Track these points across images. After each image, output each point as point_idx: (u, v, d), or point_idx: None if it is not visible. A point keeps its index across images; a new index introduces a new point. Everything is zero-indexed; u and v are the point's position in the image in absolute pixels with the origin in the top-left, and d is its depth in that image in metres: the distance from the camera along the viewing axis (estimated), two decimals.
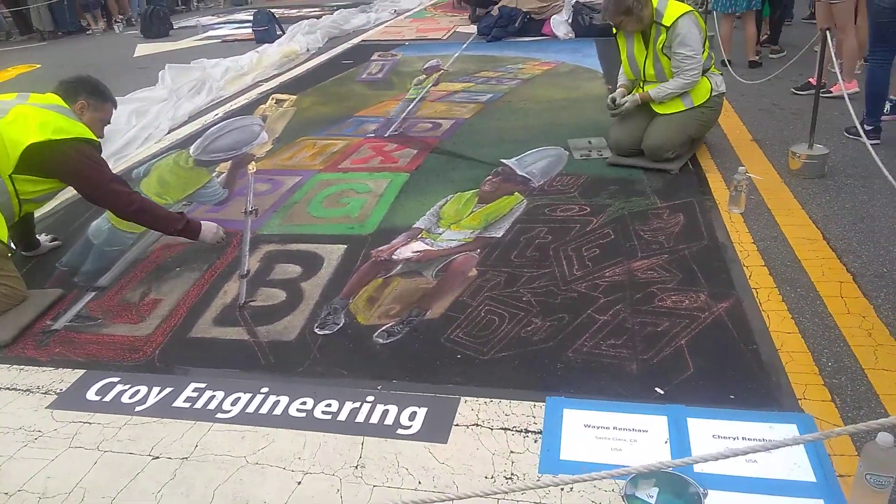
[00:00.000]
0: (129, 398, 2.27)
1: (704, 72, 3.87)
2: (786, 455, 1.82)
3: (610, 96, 4.08)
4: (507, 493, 1.72)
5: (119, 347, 2.58)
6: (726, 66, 5.46)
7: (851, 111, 3.35)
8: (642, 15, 3.72)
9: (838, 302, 2.52)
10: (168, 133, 5.28)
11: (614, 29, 3.97)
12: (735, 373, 2.18)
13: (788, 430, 1.92)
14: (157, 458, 1.99)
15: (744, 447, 1.57)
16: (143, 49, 9.67)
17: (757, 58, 6.33)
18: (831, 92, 4.89)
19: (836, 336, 2.33)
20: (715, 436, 1.91)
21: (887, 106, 4.29)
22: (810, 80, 5.17)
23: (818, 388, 2.08)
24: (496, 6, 8.96)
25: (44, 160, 2.82)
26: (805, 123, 3.92)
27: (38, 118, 2.84)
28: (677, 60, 3.76)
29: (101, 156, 3.09)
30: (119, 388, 2.32)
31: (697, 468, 1.77)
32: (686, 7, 3.81)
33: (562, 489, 1.76)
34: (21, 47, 10.87)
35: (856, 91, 4.89)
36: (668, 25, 3.70)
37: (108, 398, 2.27)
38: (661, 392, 2.12)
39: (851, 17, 5.01)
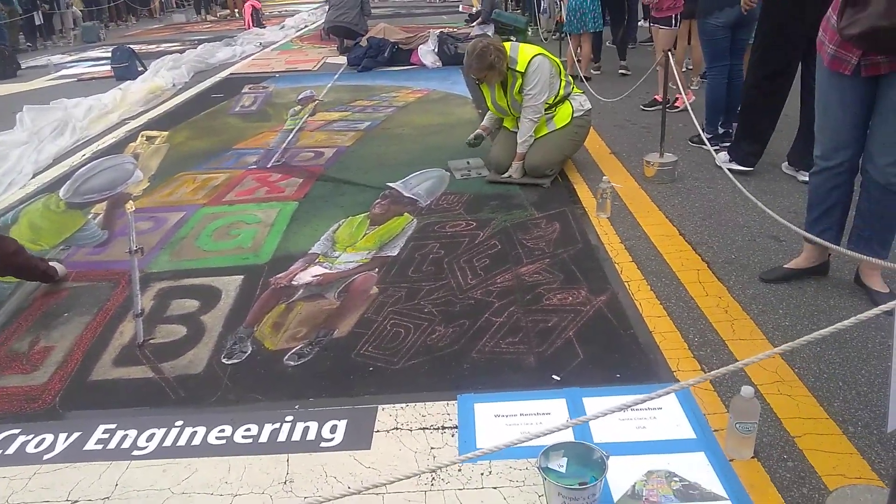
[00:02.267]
0: (35, 447, 2.18)
1: (566, 97, 4.26)
2: (669, 419, 2.09)
3: (467, 140, 4.59)
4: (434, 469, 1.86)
5: (14, 399, 2.47)
6: (584, 82, 6.02)
7: (695, 120, 3.82)
8: (502, 67, 4.07)
9: (697, 287, 2.89)
10: (33, 177, 5.01)
11: (477, 80, 4.29)
12: (618, 355, 2.46)
13: (669, 399, 2.19)
14: (76, 502, 1.95)
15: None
16: None
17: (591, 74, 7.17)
18: (677, 106, 5.49)
19: (698, 315, 2.67)
20: (607, 410, 2.15)
21: None
22: (656, 97, 5.78)
23: (689, 360, 2.39)
24: (364, 38, 9.21)
25: None
26: (655, 136, 4.40)
27: None
28: (524, 99, 4.13)
29: None
30: (21, 438, 2.23)
31: (597, 438, 2.00)
32: (536, 49, 4.21)
33: (482, 474, 1.93)
34: None
35: (693, 100, 5.54)
36: (523, 71, 4.06)
37: (10, 451, 2.18)
38: (558, 378, 2.34)
39: (669, 44, 5.67)
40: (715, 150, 4.16)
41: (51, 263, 3.28)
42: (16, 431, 2.26)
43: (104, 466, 2.08)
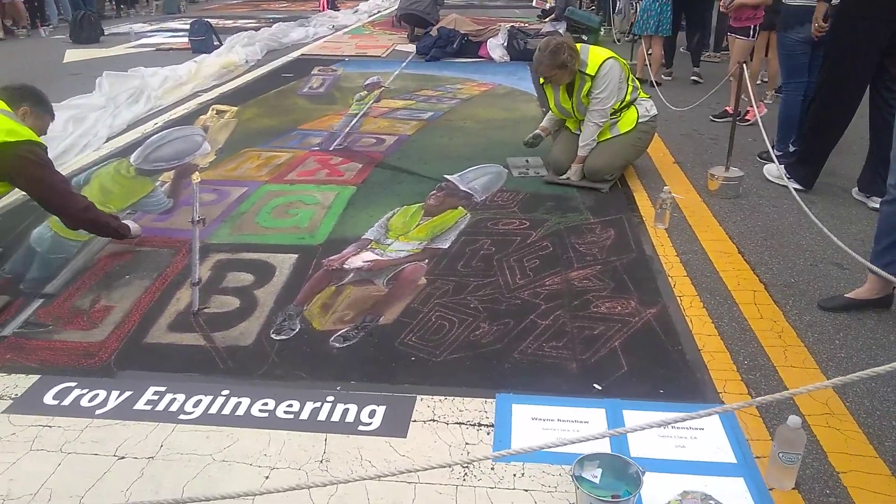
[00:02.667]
0: (89, 402, 2.29)
1: (632, 102, 4.19)
2: (710, 440, 2.06)
3: (525, 140, 4.47)
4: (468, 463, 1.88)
5: (73, 353, 2.59)
6: (654, 86, 5.93)
7: (765, 137, 3.71)
8: (573, 68, 4.01)
9: (752, 308, 2.81)
10: (106, 141, 5.22)
11: (542, 79, 4.21)
12: (664, 370, 2.42)
13: (712, 420, 2.15)
14: (123, 458, 2.04)
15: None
16: (73, 55, 9.39)
17: (662, 79, 7.04)
18: (747, 119, 5.33)
19: (750, 338, 2.60)
20: (648, 424, 2.12)
21: None
22: (727, 108, 5.63)
23: (736, 383, 2.34)
24: (435, 27, 9.23)
25: None
26: (722, 148, 4.28)
27: None
28: (592, 102, 4.07)
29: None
30: (77, 392, 2.35)
31: (634, 452, 1.98)
32: (607, 52, 4.14)
33: (514, 475, 1.93)
34: None
35: (765, 113, 5.38)
36: (593, 74, 3.99)
37: (66, 402, 2.30)
38: (599, 388, 2.33)
39: (745, 54, 5.47)
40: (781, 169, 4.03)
41: (125, 222, 3.39)
42: (72, 384, 2.38)
43: (151, 427, 2.17)
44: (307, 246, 3.44)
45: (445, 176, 4.34)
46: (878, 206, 3.68)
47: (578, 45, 4.14)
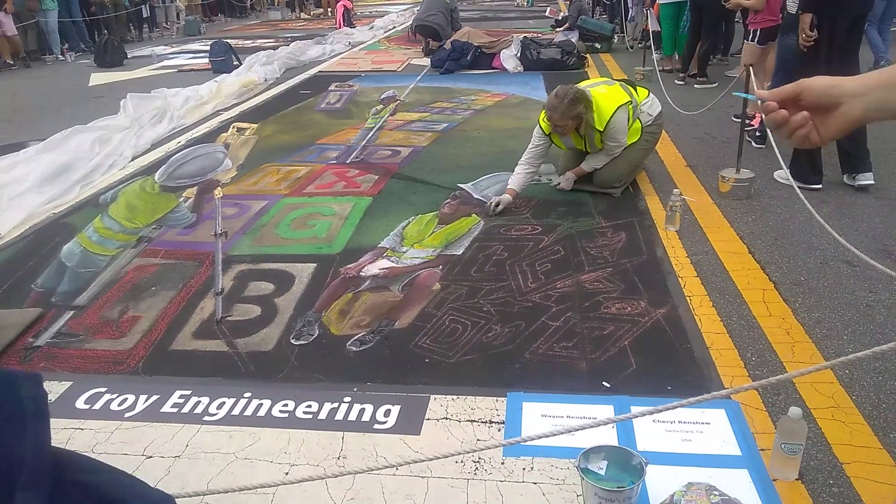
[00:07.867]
0: (118, 406, 2.40)
1: (636, 118, 4.18)
2: (716, 434, 2.11)
3: (493, 202, 3.98)
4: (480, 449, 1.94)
5: (103, 361, 2.71)
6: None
7: (772, 140, 3.74)
8: (585, 119, 3.93)
9: (761, 306, 2.85)
10: (132, 160, 5.39)
11: (547, 130, 4.04)
12: (672, 368, 2.47)
13: (718, 415, 2.20)
14: (151, 457, 2.14)
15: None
16: (98, 78, 9.68)
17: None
18: (752, 125, 5.34)
19: (759, 335, 2.64)
20: (655, 420, 2.18)
21: None
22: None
23: (743, 379, 2.38)
24: (448, 40, 9.37)
25: None
26: (735, 150, 4.31)
27: None
28: (606, 147, 4.11)
29: None
30: (107, 397, 2.46)
31: (641, 446, 2.04)
32: (613, 104, 3.98)
33: (524, 469, 2.00)
34: None
35: None
36: (602, 129, 3.99)
37: (97, 406, 2.41)
38: (608, 385, 2.38)
39: (753, 58, 5.49)
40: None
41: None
42: (102, 390, 2.49)
43: (178, 428, 2.27)
44: (325, 255, 3.55)
45: (459, 185, 4.43)
46: (864, 182, 4.00)
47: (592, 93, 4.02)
